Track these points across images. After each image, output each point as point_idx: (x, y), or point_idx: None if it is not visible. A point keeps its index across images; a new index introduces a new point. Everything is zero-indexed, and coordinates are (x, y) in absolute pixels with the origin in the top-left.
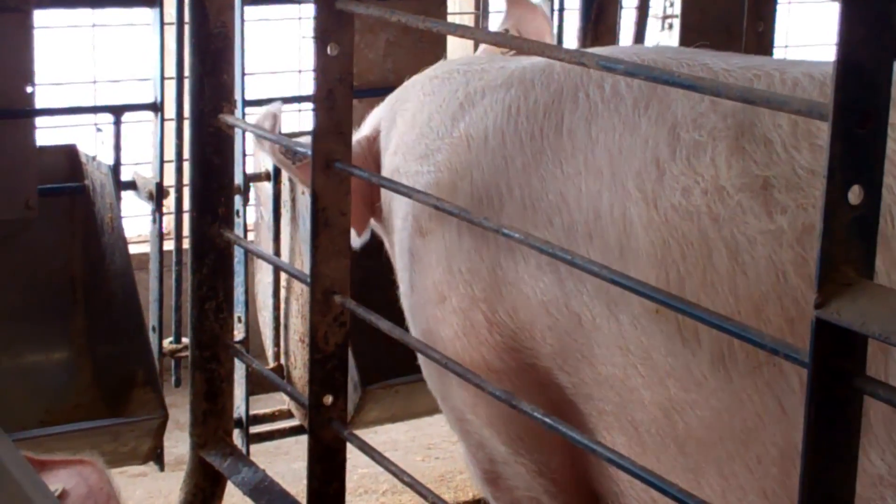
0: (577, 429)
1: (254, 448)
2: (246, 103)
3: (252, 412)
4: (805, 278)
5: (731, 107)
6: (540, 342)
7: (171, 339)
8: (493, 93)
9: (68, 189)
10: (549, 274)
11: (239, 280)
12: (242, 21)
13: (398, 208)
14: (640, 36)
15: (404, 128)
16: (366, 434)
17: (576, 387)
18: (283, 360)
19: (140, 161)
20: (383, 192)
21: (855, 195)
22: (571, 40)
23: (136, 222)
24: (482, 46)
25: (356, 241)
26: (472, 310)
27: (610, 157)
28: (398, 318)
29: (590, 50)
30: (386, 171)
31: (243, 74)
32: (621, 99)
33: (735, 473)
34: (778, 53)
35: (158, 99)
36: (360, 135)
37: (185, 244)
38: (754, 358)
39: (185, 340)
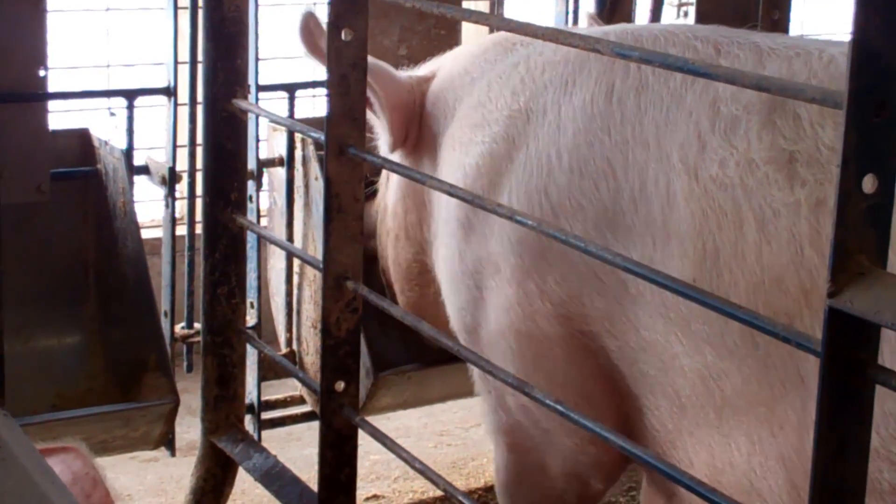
0: (620, 394)
1: (265, 434)
2: (259, 88)
3: (264, 398)
4: (818, 251)
5: None
6: (588, 307)
7: (183, 324)
8: (553, 68)
9: (81, 173)
10: (596, 240)
11: (251, 265)
12: (256, 5)
13: (449, 177)
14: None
15: (462, 92)
16: (378, 420)
17: (621, 350)
18: (295, 346)
19: (153, 146)
20: (437, 158)
21: (869, 184)
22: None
23: (148, 207)
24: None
25: (385, 147)
26: (525, 280)
27: (657, 129)
28: None
29: (644, 26)
30: (440, 127)
31: (257, 59)
32: (671, 72)
33: (761, 439)
34: None
35: (172, 83)
36: (415, 72)
37: (198, 229)
38: None
39: (198, 326)
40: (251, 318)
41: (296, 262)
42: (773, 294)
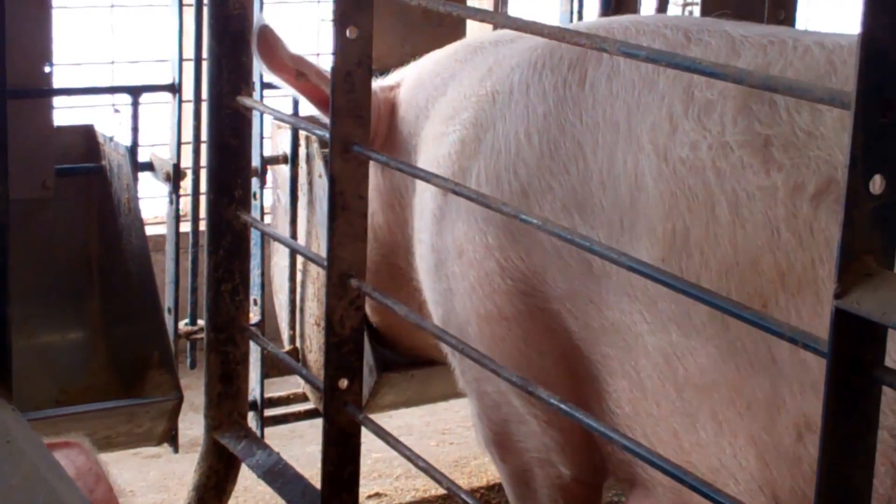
0: (582, 375)
1: (268, 431)
2: (264, 85)
3: (267, 395)
4: (794, 234)
5: None
6: (551, 285)
7: (186, 320)
8: (521, 54)
9: (85, 169)
10: (563, 220)
11: (255, 263)
12: (261, 3)
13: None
14: None
15: (436, 92)
16: (380, 418)
17: (582, 331)
18: (298, 344)
19: (157, 142)
20: (412, 158)
21: (876, 185)
22: None
23: (152, 203)
24: None
25: None
26: (486, 259)
27: (628, 112)
28: None
29: (614, 18)
30: (414, 128)
31: None
32: None
33: (728, 419)
34: None
35: (176, 80)
36: (382, 83)
37: (202, 226)
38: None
39: (201, 322)
40: (255, 315)
41: (299, 259)
42: (748, 276)
